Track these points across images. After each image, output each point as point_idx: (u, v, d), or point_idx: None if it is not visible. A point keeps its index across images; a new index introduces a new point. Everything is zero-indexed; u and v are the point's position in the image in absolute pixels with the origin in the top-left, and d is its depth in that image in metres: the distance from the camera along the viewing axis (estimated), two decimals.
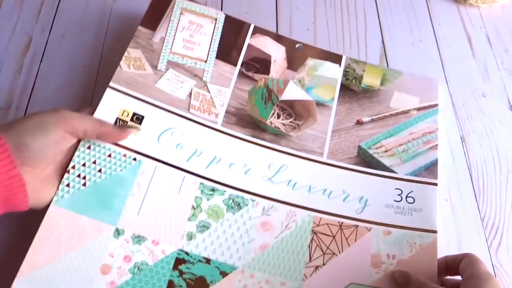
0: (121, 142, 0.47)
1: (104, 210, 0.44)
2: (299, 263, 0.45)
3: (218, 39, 0.56)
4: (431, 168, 0.51)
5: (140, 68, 0.52)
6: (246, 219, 0.47)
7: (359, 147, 0.52)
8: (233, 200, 0.47)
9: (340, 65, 0.57)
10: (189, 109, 0.51)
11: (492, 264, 0.46)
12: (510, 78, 0.57)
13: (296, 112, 0.55)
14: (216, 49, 0.56)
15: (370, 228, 0.47)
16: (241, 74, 0.55)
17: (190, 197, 0.46)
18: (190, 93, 0.52)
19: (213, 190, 0.47)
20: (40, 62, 0.50)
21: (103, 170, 0.45)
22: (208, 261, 0.44)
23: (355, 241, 0.47)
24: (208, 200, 0.47)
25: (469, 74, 0.58)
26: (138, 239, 0.44)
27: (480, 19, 0.59)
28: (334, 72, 0.57)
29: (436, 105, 0.56)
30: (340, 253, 0.46)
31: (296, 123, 0.54)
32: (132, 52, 0.52)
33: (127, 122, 0.49)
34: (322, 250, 0.46)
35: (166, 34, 0.54)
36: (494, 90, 0.57)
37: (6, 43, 0.50)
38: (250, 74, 0.56)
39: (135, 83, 0.51)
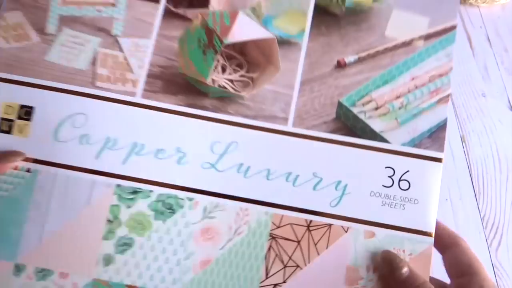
0: (9, 149, 0.35)
1: None
2: (252, 282, 0.35)
3: None
4: (437, 134, 0.36)
5: (22, 39, 0.37)
6: (181, 227, 0.35)
7: (339, 103, 0.37)
8: (163, 203, 0.35)
9: None
10: (94, 82, 0.36)
11: (492, 264, 0.46)
12: (510, 78, 0.57)
13: (250, 59, 0.39)
14: None
15: (348, 228, 0.35)
16: (167, 14, 0.38)
17: (104, 208, 0.35)
18: (94, 58, 0.37)
19: (134, 192, 0.35)
20: None
21: None
22: None
23: (327, 247, 0.35)
24: (128, 207, 0.35)
25: (469, 74, 0.58)
26: (43, 273, 0.34)
27: (480, 18, 0.58)
28: None
29: (453, 27, 0.38)
30: (306, 265, 0.35)
31: (249, 77, 0.38)
32: (9, 17, 0.36)
33: (12, 122, 0.35)
34: (282, 262, 0.35)
35: None
36: (494, 90, 0.57)
37: None
38: (180, 11, 0.39)
39: (18, 63, 0.36)
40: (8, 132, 0.36)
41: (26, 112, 0.36)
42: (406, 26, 0.38)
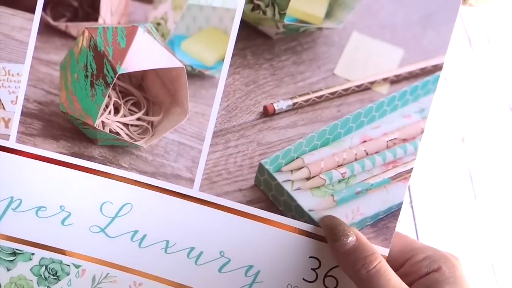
0: None
1: None
2: None
3: None
4: (385, 223, 0.27)
5: None
6: None
7: (260, 166, 0.28)
8: (46, 268, 0.31)
9: None
10: None
11: (492, 264, 0.46)
12: (510, 78, 0.55)
13: (150, 97, 0.30)
14: None
15: None
16: (44, 29, 0.29)
17: None
18: None
19: (14, 253, 0.30)
20: None
21: None
22: None
23: None
24: (8, 270, 0.31)
25: (468, 74, 0.55)
26: None
27: (480, 19, 0.59)
28: None
29: (437, 68, 0.26)
30: None
31: (149, 121, 0.30)
32: None
33: None
34: None
35: None
36: (494, 90, 0.54)
37: None
38: (61, 25, 0.29)
39: None
40: None
41: None
42: (369, 60, 0.26)
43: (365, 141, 0.27)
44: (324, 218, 0.27)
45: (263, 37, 0.28)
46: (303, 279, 0.28)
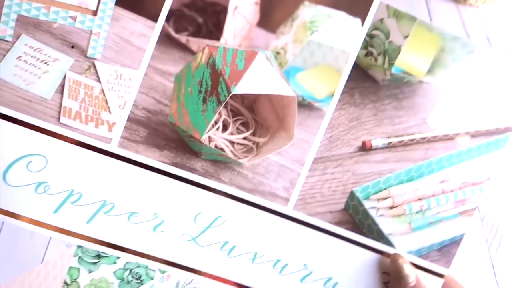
0: None
1: None
2: None
3: None
4: (448, 248, 0.32)
5: None
6: None
7: (351, 193, 0.31)
8: (130, 272, 0.31)
9: (363, 22, 0.30)
10: (59, 118, 0.28)
11: (492, 264, 0.43)
12: None
13: (259, 119, 0.31)
14: None
15: None
16: (164, 39, 0.29)
17: (61, 269, 0.30)
18: (62, 86, 0.28)
19: (98, 256, 0.31)
20: None
21: None
22: None
23: None
24: (90, 272, 0.31)
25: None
26: None
27: (480, 19, 0.52)
28: (348, 35, 0.30)
29: (508, 129, 0.32)
30: None
31: (254, 142, 0.31)
32: None
33: None
34: None
35: None
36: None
37: None
38: (183, 38, 0.29)
39: None
40: None
41: None
42: (457, 115, 0.31)
43: (443, 181, 0.32)
44: (394, 256, 0.31)
45: (371, 81, 0.31)
46: None
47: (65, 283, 0.31)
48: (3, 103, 0.28)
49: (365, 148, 0.31)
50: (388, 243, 0.32)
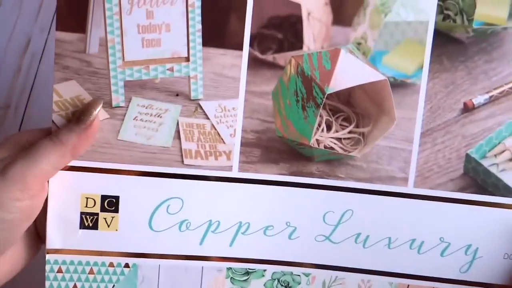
0: (103, 247, 0.32)
1: None
2: None
3: (199, 5, 0.31)
4: None
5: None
6: None
7: (467, 156, 0.32)
8: (279, 281, 0.33)
9: None
10: (182, 161, 0.32)
11: None
12: None
13: (359, 110, 0.33)
14: (199, 27, 0.31)
15: None
16: (253, 63, 0.31)
17: None
18: (178, 132, 0.32)
19: (247, 273, 0.33)
20: (39, 62, 0.48)
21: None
22: None
23: None
24: None
25: None
26: None
27: None
28: (421, 6, 0.31)
29: None
30: None
31: (359, 133, 0.33)
32: (62, 89, 0.30)
33: (97, 215, 0.32)
34: None
35: (105, 29, 0.30)
36: None
37: (5, 43, 0.47)
38: (269, 57, 0.32)
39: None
40: (93, 227, 0.32)
41: (109, 203, 0.32)
42: None
43: None
44: None
45: (455, 43, 0.32)
46: None
47: None
48: (134, 161, 0.32)
49: (468, 109, 0.32)
50: None
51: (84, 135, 0.29)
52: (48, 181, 0.30)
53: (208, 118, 0.32)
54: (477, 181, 0.32)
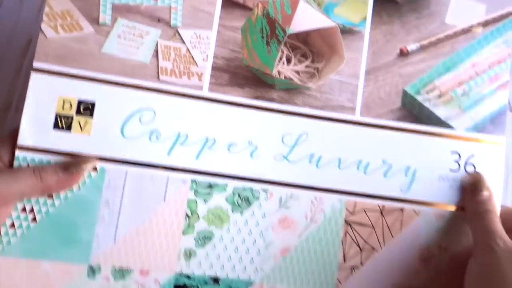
0: (72, 149, 0.34)
1: (68, 247, 0.33)
2: (331, 266, 0.36)
3: None
4: (498, 119, 0.38)
5: (73, 28, 0.35)
6: (259, 218, 0.36)
7: (404, 92, 0.37)
8: (239, 195, 0.36)
9: None
10: (158, 76, 0.35)
11: None
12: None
13: (314, 49, 0.39)
14: None
15: (419, 211, 0.36)
16: (226, 3, 0.37)
17: (181, 203, 0.35)
18: (156, 51, 0.36)
19: (210, 186, 0.35)
20: None
21: (55, 196, 0.33)
22: (216, 280, 0.35)
23: (401, 229, 0.36)
24: (205, 202, 0.35)
25: None
26: (121, 273, 0.34)
27: None
28: None
29: (510, 14, 0.39)
30: (381, 247, 0.36)
31: (314, 67, 0.38)
32: (55, 4, 0.35)
33: (71, 117, 0.34)
34: (359, 246, 0.36)
35: None
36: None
37: (5, 43, 0.46)
38: (240, 0, 0.38)
39: (71, 54, 0.35)
40: (67, 129, 0.34)
41: (85, 108, 0.35)
42: (465, 13, 0.39)
43: (473, 66, 0.39)
44: (475, 174, 0.37)
45: (392, 2, 0.39)
46: (450, 169, 0.37)
47: (187, 215, 0.35)
48: (114, 72, 0.35)
49: (403, 53, 0.38)
50: (447, 126, 0.38)
51: (65, 182, 0.32)
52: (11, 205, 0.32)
53: (184, 43, 0.37)
54: (413, 113, 0.38)
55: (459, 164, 0.37)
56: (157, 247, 0.35)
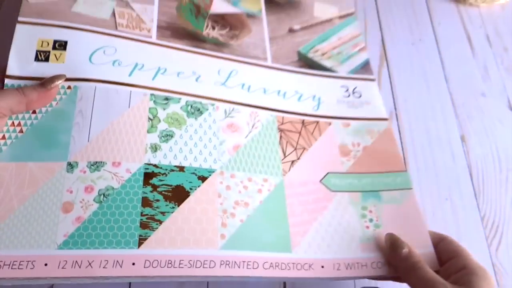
0: (51, 75, 0.39)
1: (50, 150, 0.37)
2: (275, 160, 0.43)
3: None
4: (366, 67, 0.53)
5: None
6: (210, 123, 0.42)
7: (299, 52, 0.51)
8: (191, 106, 0.42)
9: None
10: (116, 27, 0.44)
11: (492, 263, 0.45)
12: (510, 78, 0.56)
13: (230, 23, 0.52)
14: None
15: (331, 122, 0.47)
16: None
17: (144, 109, 0.40)
18: (113, 13, 0.45)
19: (166, 99, 0.42)
20: None
21: (37, 111, 0.38)
22: (181, 168, 0.39)
23: (320, 135, 0.46)
24: (164, 109, 0.41)
25: (468, 74, 0.57)
26: (96, 165, 0.37)
27: (479, 18, 0.59)
28: None
29: (352, 13, 0.58)
30: (310, 147, 0.45)
31: (233, 33, 0.51)
32: None
33: (49, 52, 0.40)
34: (292, 146, 0.44)
35: None
36: (494, 90, 0.56)
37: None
38: None
39: (47, 13, 0.43)
40: (45, 60, 0.40)
41: (59, 45, 0.41)
42: (326, 11, 0.58)
43: (339, 38, 0.56)
44: (387, 236, 0.38)
45: (276, 3, 0.57)
46: (343, 96, 0.50)
47: (149, 118, 0.41)
48: (82, 23, 0.43)
49: (292, 30, 0.54)
50: (333, 71, 0.52)
51: (42, 95, 0.37)
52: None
53: (134, 10, 0.47)
54: (308, 64, 0.52)
55: (348, 93, 0.50)
56: (125, 143, 0.38)
